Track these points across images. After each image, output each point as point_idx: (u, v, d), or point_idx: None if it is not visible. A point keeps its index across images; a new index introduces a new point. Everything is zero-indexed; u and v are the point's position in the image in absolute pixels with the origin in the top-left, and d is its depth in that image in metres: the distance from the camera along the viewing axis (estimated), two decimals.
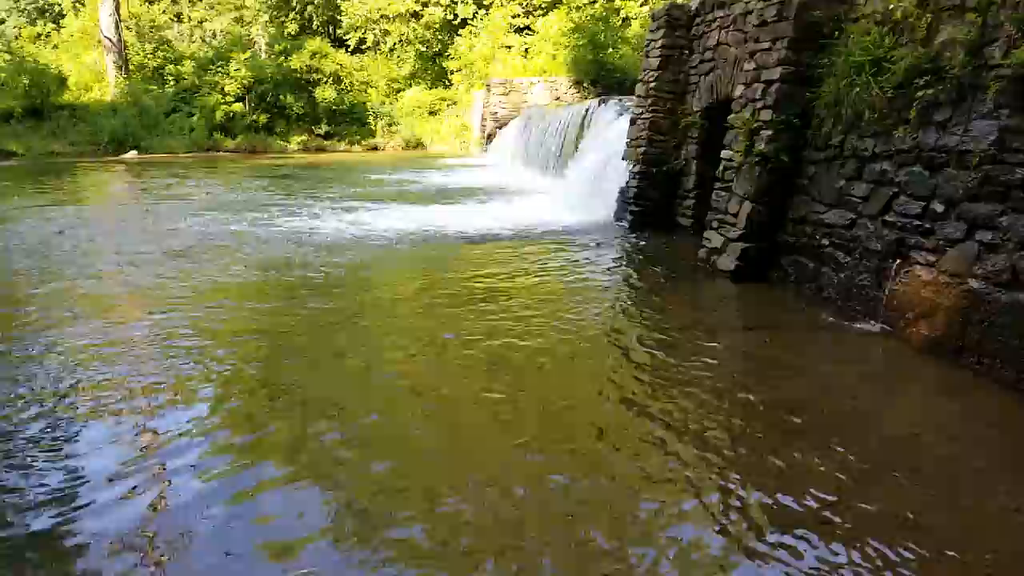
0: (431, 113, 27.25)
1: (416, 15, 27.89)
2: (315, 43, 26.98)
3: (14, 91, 21.47)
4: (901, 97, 5.00)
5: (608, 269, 7.19)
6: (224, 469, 2.96)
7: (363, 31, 29.15)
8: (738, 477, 3.00)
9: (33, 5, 33.57)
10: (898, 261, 4.90)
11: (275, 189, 13.24)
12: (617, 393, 3.92)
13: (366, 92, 27.46)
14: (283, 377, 3.95)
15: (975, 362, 4.24)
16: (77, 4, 30.39)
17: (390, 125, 26.69)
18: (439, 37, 28.01)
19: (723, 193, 6.94)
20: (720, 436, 3.37)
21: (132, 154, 20.69)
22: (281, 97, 24.97)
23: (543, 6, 25.33)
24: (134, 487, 2.80)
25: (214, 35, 33.58)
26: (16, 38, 28.47)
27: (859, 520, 2.70)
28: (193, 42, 31.79)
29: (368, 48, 29.48)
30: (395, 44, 28.74)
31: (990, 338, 4.14)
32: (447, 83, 27.96)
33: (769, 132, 6.22)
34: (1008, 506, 2.82)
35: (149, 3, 30.24)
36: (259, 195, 12.32)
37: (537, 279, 6.45)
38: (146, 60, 25.97)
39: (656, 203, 9.39)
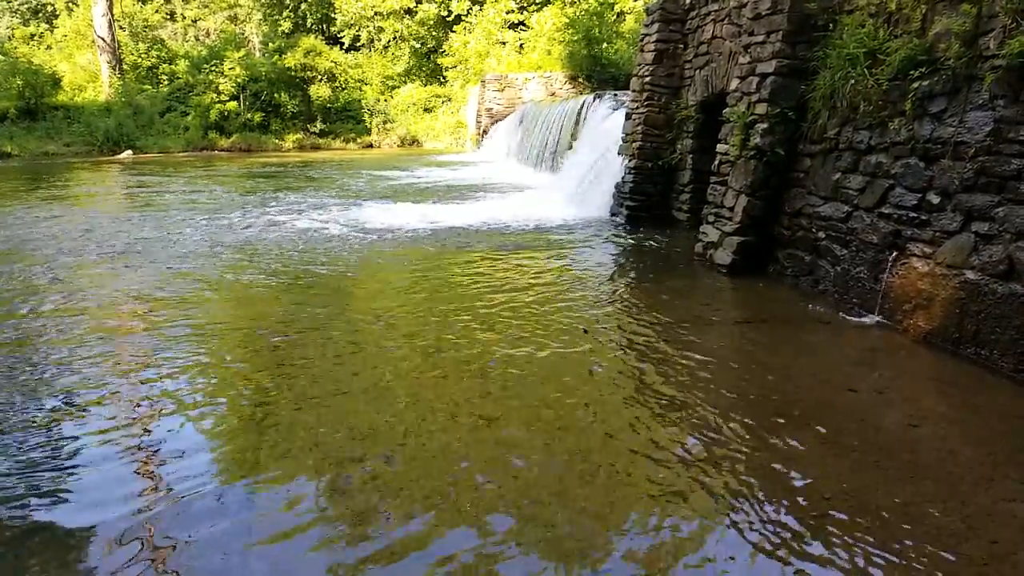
0: (426, 110, 27.22)
1: (410, 12, 27.83)
2: (309, 41, 26.93)
3: (8, 92, 21.44)
4: (896, 89, 4.99)
5: (603, 264, 7.18)
6: None
7: (357, 28, 29.10)
8: (735, 469, 2.99)
9: (26, 6, 33.43)
10: (895, 253, 4.90)
11: (270, 188, 13.20)
12: (612, 388, 3.91)
13: (361, 90, 27.42)
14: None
15: (972, 353, 4.24)
16: (70, 4, 30.32)
17: (385, 122, 26.66)
18: (433, 34, 27.96)
19: (719, 187, 6.94)
20: (716, 428, 3.37)
21: (127, 154, 20.64)
22: (276, 95, 24.93)
23: (537, 1, 25.29)
24: None
25: (208, 34, 33.56)
26: (9, 39, 28.37)
27: (857, 510, 2.70)
28: (187, 41, 31.75)
29: (362, 45, 29.43)
30: (389, 41, 28.69)
31: (987, 329, 4.14)
32: (442, 80, 27.93)
33: (764, 125, 6.21)
34: (1007, 497, 2.82)
35: (142, 2, 30.15)
36: (253, 195, 12.27)
37: (531, 274, 6.44)
38: (140, 59, 25.91)
39: (652, 198, 9.41)
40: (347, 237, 8.19)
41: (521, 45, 24.59)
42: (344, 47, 29.16)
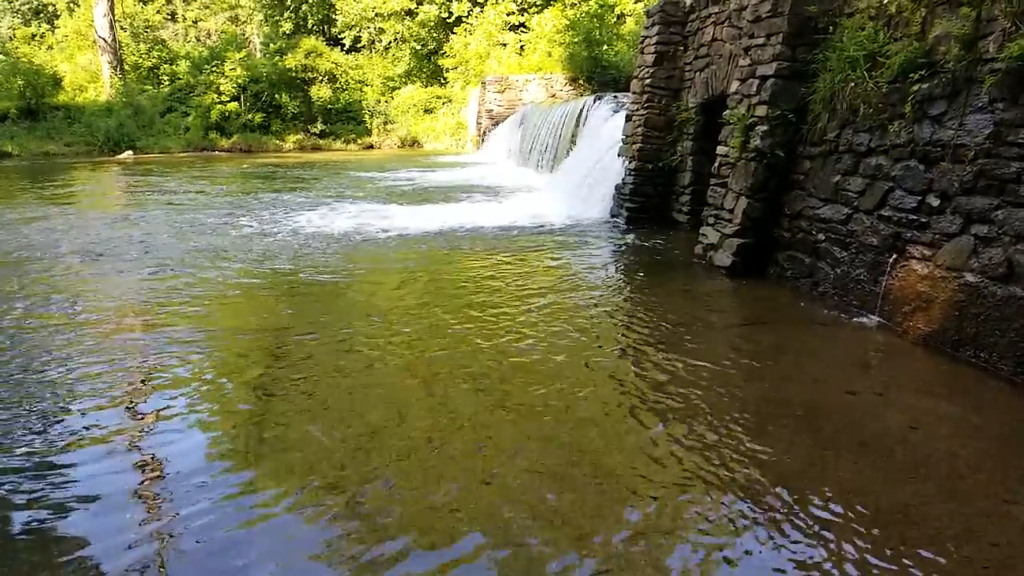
0: (427, 111, 27.25)
1: (411, 13, 27.86)
2: (310, 42, 26.97)
3: (9, 92, 21.48)
4: (896, 91, 5.00)
5: (603, 265, 7.18)
6: None
7: (358, 29, 29.13)
8: (733, 470, 3.00)
9: (27, 6, 33.48)
10: (894, 255, 4.90)
11: (270, 188, 13.21)
12: (611, 389, 3.91)
13: (361, 91, 27.46)
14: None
15: (972, 355, 4.24)
16: (72, 4, 30.37)
17: (386, 123, 26.70)
18: (434, 35, 27.99)
19: (719, 189, 6.95)
20: (714, 429, 3.37)
21: (128, 154, 20.66)
22: (276, 96, 24.97)
23: (538, 3, 25.33)
24: None
25: (209, 34, 33.62)
26: (11, 39, 28.40)
27: (857, 513, 2.70)
28: (188, 42, 31.79)
29: (363, 46, 29.47)
30: (390, 42, 28.73)
31: (986, 331, 4.14)
32: (442, 81, 27.96)
33: (764, 127, 6.21)
34: (1007, 499, 2.82)
35: (143, 3, 30.23)
36: (249, 196, 12.28)
37: (531, 276, 6.44)
38: (141, 60, 25.98)
39: (652, 199, 9.42)
40: (344, 238, 8.20)
41: (522, 47, 24.63)
42: (345, 48, 29.19)
